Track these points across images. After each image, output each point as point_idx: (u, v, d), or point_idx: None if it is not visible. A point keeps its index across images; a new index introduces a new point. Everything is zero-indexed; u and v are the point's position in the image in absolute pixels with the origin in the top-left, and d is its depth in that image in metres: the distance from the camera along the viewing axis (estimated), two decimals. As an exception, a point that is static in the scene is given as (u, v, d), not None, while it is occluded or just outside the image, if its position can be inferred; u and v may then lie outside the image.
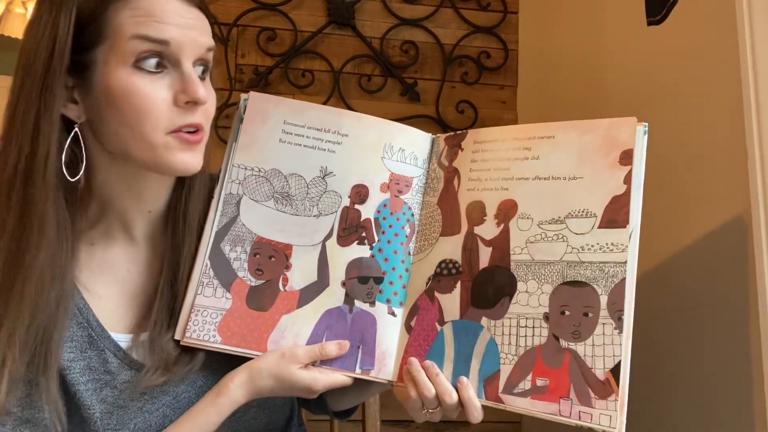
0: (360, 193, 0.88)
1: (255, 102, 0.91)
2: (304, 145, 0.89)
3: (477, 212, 0.85)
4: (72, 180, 0.79)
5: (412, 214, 0.89)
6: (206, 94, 0.78)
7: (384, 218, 0.88)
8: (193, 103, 0.78)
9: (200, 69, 0.81)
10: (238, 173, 0.89)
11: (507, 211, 0.84)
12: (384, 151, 0.89)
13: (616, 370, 0.73)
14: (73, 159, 0.80)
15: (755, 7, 1.07)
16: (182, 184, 0.87)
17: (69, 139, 0.78)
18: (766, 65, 1.05)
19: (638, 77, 1.41)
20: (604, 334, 0.75)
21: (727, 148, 1.12)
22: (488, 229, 0.84)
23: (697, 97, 1.21)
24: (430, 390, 0.78)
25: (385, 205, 0.88)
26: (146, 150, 0.78)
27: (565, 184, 0.82)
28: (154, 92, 0.76)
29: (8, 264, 0.76)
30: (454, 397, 0.78)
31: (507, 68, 2.03)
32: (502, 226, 0.83)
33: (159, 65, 0.77)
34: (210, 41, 0.81)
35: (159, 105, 0.76)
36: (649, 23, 1.36)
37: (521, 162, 0.85)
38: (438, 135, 0.93)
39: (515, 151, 0.86)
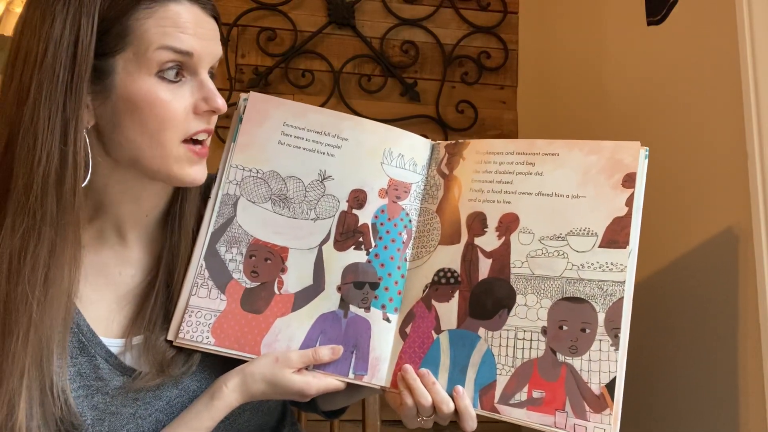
0: (358, 198, 0.88)
1: (255, 102, 0.90)
2: (304, 148, 0.89)
3: (478, 223, 0.85)
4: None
5: (410, 221, 0.88)
6: (224, 103, 0.80)
7: (381, 224, 0.87)
8: (212, 112, 0.80)
9: (209, 74, 0.82)
10: (236, 174, 0.88)
11: (508, 224, 0.84)
12: (383, 157, 0.88)
13: (611, 385, 0.75)
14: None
15: (755, 7, 1.07)
16: (178, 187, 0.87)
17: (89, 146, 0.77)
18: (766, 65, 1.05)
19: (638, 77, 1.40)
20: (600, 350, 0.77)
21: (725, 151, 1.11)
22: (489, 241, 0.84)
23: (696, 98, 1.20)
24: (426, 398, 0.78)
25: (383, 211, 0.87)
26: (158, 159, 0.78)
27: (567, 202, 0.83)
28: (176, 102, 0.77)
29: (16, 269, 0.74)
30: (451, 406, 0.78)
31: (507, 68, 2.02)
32: (503, 238, 0.84)
33: (178, 74, 0.77)
34: (221, 50, 0.82)
35: (180, 114, 0.77)
36: (649, 23, 1.35)
37: (524, 177, 0.86)
38: (438, 141, 0.93)
39: (519, 166, 0.87)
